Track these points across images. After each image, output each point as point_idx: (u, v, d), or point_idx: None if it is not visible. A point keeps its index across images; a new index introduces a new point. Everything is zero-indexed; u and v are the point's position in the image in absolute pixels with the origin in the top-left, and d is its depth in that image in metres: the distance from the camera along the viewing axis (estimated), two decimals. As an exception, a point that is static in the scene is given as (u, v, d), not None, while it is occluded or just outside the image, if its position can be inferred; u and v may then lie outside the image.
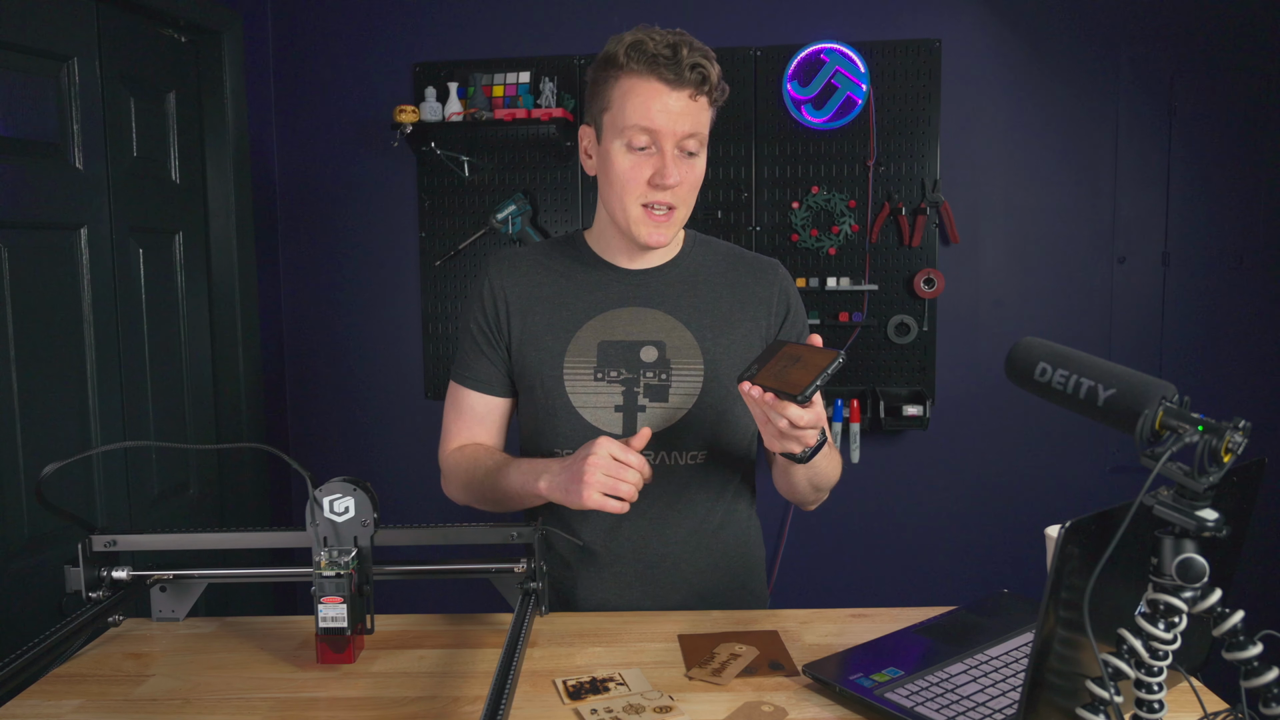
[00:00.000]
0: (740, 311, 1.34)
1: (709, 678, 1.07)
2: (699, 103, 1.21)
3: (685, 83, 1.18)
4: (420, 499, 2.94)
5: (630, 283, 1.33)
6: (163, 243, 2.49)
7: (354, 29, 2.90)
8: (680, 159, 1.23)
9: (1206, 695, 0.99)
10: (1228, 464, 0.69)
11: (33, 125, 2.03)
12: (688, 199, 1.27)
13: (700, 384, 1.30)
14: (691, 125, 1.21)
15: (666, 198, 1.23)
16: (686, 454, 1.31)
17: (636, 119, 1.20)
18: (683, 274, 1.35)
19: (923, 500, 2.86)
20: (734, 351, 1.32)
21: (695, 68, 1.18)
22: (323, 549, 1.15)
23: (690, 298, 1.33)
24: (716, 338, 1.32)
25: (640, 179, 1.22)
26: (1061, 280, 2.78)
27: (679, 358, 1.30)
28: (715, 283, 1.35)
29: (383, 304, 2.98)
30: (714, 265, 1.37)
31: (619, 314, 1.32)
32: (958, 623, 1.20)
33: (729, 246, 1.42)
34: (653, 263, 1.35)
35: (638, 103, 1.19)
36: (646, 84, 1.19)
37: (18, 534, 1.95)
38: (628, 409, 1.30)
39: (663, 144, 1.20)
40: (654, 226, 1.25)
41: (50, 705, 1.04)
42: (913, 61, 2.71)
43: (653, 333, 1.31)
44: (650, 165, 1.22)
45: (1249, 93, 2.66)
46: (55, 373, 2.07)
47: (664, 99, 1.19)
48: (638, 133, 1.20)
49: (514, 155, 2.85)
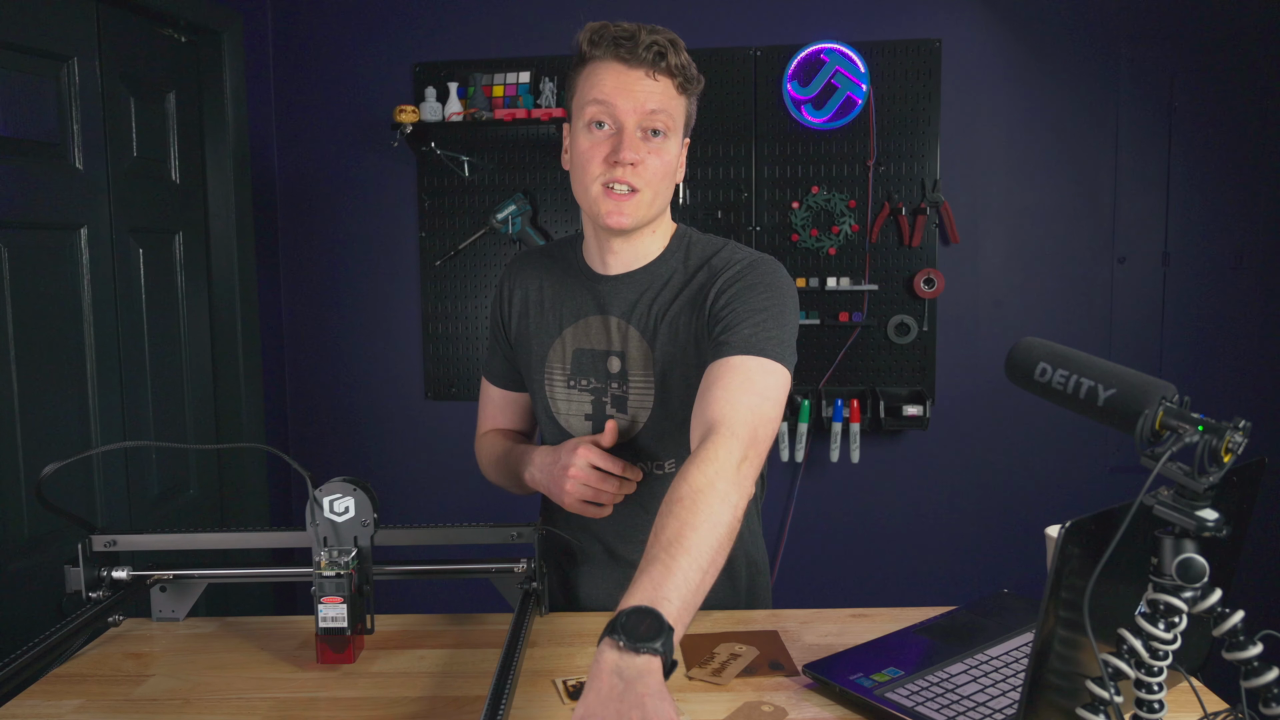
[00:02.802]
0: (688, 313, 1.25)
1: (709, 678, 1.07)
2: (660, 82, 1.19)
3: (640, 61, 1.17)
4: (420, 499, 2.94)
5: (601, 289, 1.30)
6: (163, 243, 2.49)
7: (354, 29, 2.90)
8: (643, 140, 1.19)
9: (1206, 695, 0.99)
10: (1228, 464, 0.69)
11: (33, 125, 2.02)
12: (655, 184, 1.21)
13: (652, 397, 1.27)
14: (653, 103, 1.18)
15: (626, 176, 1.18)
16: (652, 464, 1.29)
17: (593, 95, 1.19)
18: (651, 279, 1.28)
19: (923, 500, 2.86)
20: (678, 359, 1.25)
21: (651, 46, 1.17)
22: (323, 549, 1.15)
23: (650, 305, 1.27)
24: (665, 346, 1.25)
25: (598, 157, 1.19)
26: (1061, 280, 2.78)
27: (635, 369, 1.27)
28: (676, 286, 1.27)
29: (383, 304, 2.98)
30: (684, 267, 1.28)
31: (590, 322, 1.30)
32: (958, 623, 1.20)
33: (713, 245, 1.30)
34: (627, 268, 1.29)
35: (597, 83, 1.19)
36: (605, 65, 1.19)
37: (18, 534, 1.95)
38: (596, 418, 1.30)
39: (622, 120, 1.18)
40: (614, 205, 1.19)
41: (50, 705, 1.04)
42: (913, 61, 2.71)
43: (616, 342, 1.28)
44: (610, 144, 1.19)
45: (1249, 93, 2.66)
46: (55, 373, 2.07)
47: (620, 76, 1.18)
48: (596, 108, 1.19)
49: (514, 155, 2.85)
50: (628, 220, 1.20)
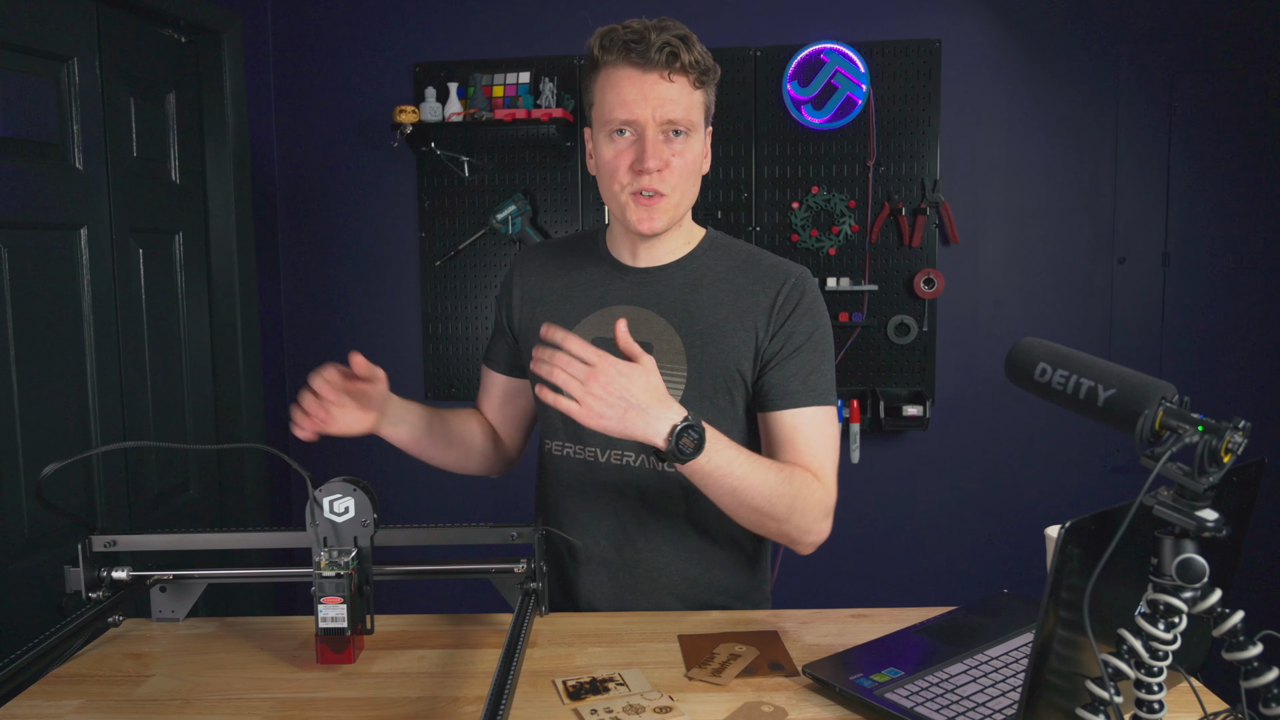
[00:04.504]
0: (736, 320, 1.27)
1: (709, 678, 1.07)
2: (676, 83, 1.19)
3: (655, 64, 1.18)
4: (420, 499, 2.94)
5: (631, 281, 1.32)
6: (163, 243, 2.49)
7: (354, 29, 2.90)
8: (665, 143, 1.21)
9: (1206, 695, 0.99)
10: (1228, 464, 0.69)
11: (33, 125, 2.02)
12: (680, 184, 1.23)
13: (680, 393, 1.27)
14: (670, 106, 1.19)
15: (654, 183, 1.21)
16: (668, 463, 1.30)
17: (613, 106, 1.20)
18: (686, 276, 1.31)
19: (923, 500, 2.86)
20: (720, 363, 1.27)
21: (664, 47, 1.17)
22: (323, 549, 1.15)
23: (687, 302, 1.29)
24: (704, 346, 1.27)
25: (623, 166, 1.21)
26: (1061, 280, 2.78)
27: (664, 362, 1.27)
28: (718, 288, 1.29)
29: (383, 304, 2.98)
30: (722, 269, 1.31)
31: (616, 311, 1.31)
32: (958, 623, 1.20)
33: (750, 251, 1.34)
34: (657, 262, 1.32)
35: (614, 91, 1.20)
36: (620, 71, 1.20)
37: (18, 534, 1.95)
38: None
39: (642, 128, 1.20)
40: (645, 213, 1.22)
41: (50, 705, 1.04)
42: (913, 61, 2.71)
43: (644, 334, 1.29)
44: (633, 151, 1.21)
45: (1249, 93, 2.66)
46: (55, 373, 2.07)
47: (637, 83, 1.19)
48: (616, 120, 1.21)
49: (514, 155, 2.85)
50: (659, 224, 1.24)
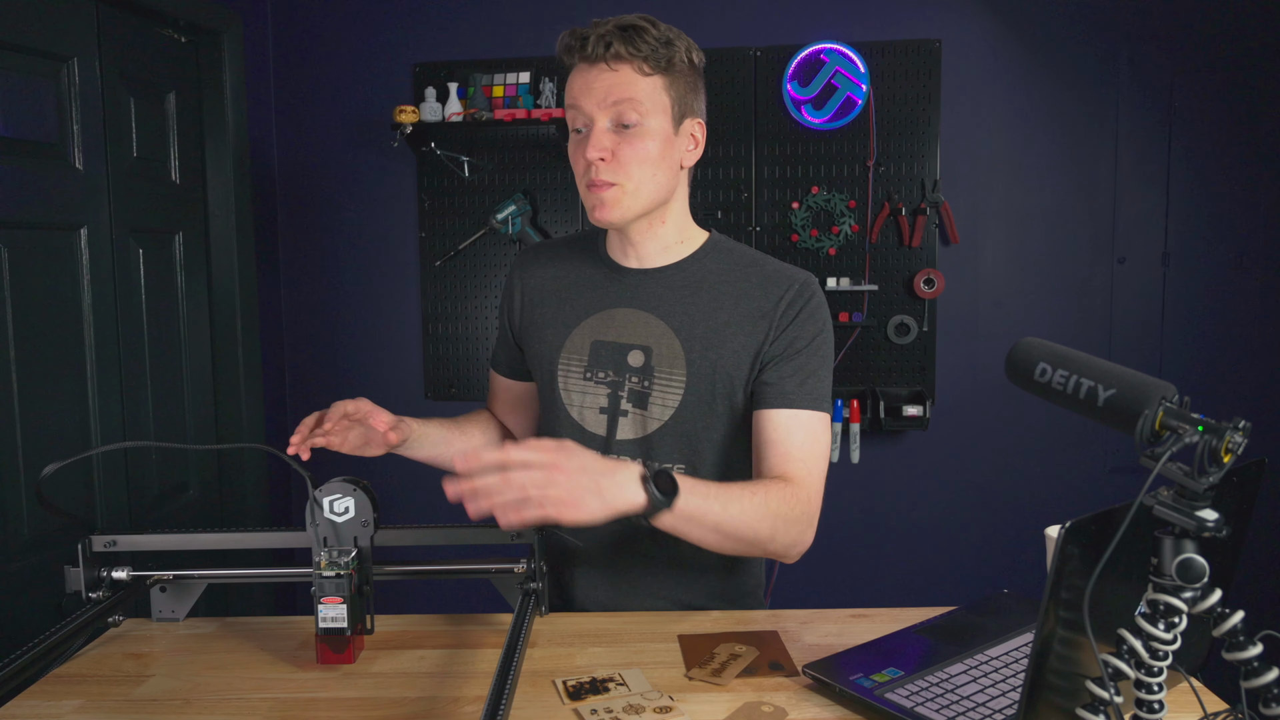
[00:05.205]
0: (738, 325, 1.26)
1: (709, 678, 1.07)
2: (619, 71, 1.19)
3: (596, 57, 1.19)
4: (420, 499, 2.94)
5: (630, 283, 1.31)
6: (163, 243, 2.49)
7: (354, 29, 2.90)
8: (612, 132, 1.20)
9: (1206, 695, 0.99)
10: (1228, 464, 0.69)
11: (33, 125, 2.02)
12: (633, 174, 1.21)
13: (680, 397, 1.27)
14: (616, 94, 1.18)
15: (601, 173, 1.20)
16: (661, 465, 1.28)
17: (568, 105, 1.23)
18: (686, 279, 1.29)
19: (923, 500, 2.86)
20: (721, 366, 1.26)
21: (601, 39, 1.18)
22: (323, 549, 1.15)
23: (687, 305, 1.28)
24: (705, 350, 1.26)
25: (580, 158, 1.23)
26: (1061, 280, 2.78)
27: (664, 366, 1.27)
28: (719, 291, 1.27)
29: (383, 304, 2.98)
30: (723, 272, 1.29)
31: (614, 314, 1.30)
32: (958, 623, 1.20)
33: (754, 255, 1.32)
34: (653, 263, 1.31)
35: (568, 90, 1.23)
36: (576, 69, 1.23)
37: (18, 534, 1.95)
38: (611, 412, 1.29)
39: (592, 119, 1.21)
40: (596, 200, 1.22)
41: (50, 705, 1.04)
42: (913, 61, 2.71)
43: (643, 337, 1.28)
44: (585, 143, 1.22)
45: (1249, 93, 2.66)
46: (55, 373, 2.07)
47: (583, 77, 1.21)
48: (571, 113, 1.23)
49: (514, 155, 2.85)
50: (613, 215, 1.23)
